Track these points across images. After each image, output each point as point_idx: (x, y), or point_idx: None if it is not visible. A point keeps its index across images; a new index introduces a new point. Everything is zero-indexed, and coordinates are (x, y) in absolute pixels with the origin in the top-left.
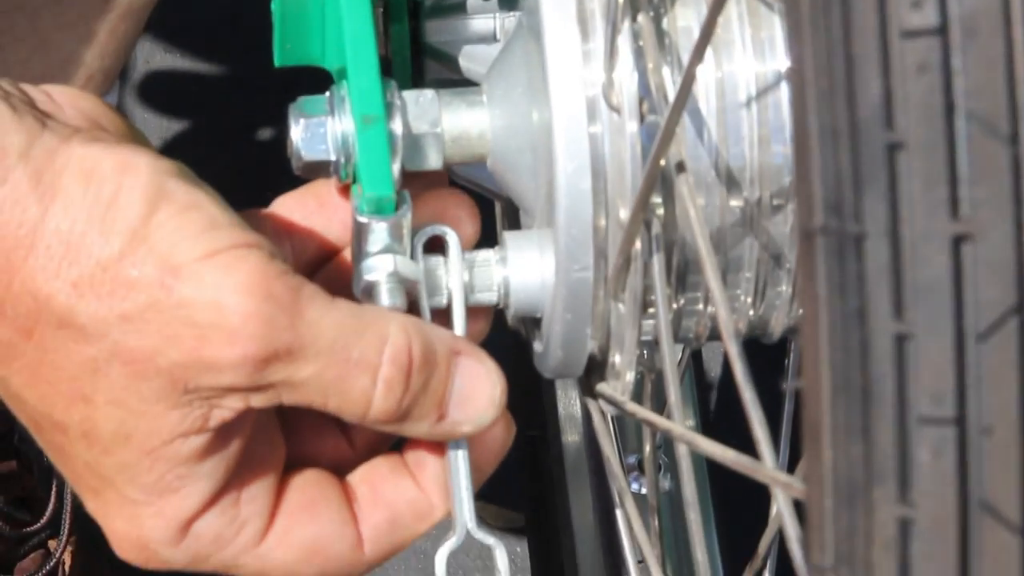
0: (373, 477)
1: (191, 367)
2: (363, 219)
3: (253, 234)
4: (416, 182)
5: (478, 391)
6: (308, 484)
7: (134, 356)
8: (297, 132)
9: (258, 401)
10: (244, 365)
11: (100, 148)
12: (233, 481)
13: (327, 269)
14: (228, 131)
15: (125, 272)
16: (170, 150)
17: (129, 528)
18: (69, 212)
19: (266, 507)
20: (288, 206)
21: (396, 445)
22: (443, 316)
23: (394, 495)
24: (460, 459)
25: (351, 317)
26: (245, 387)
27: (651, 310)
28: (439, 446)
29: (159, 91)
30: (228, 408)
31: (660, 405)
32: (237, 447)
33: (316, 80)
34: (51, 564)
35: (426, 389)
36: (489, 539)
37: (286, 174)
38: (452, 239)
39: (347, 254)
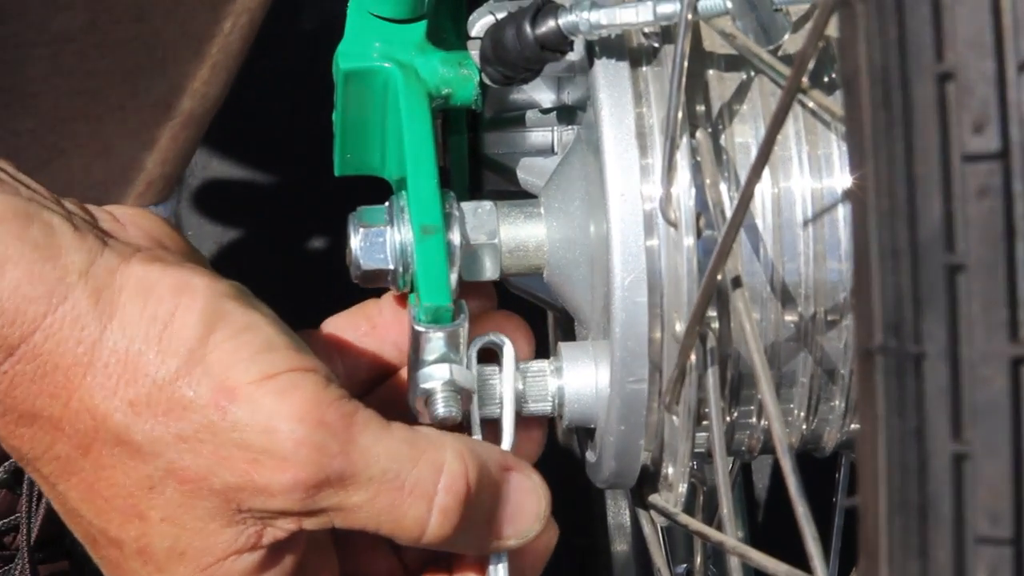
0: None
1: (244, 490)
2: (420, 328)
3: (309, 357)
4: (467, 301)
5: (526, 507)
6: None
7: (188, 476)
8: (356, 241)
9: (310, 524)
10: (295, 491)
11: (159, 268)
12: None
13: (381, 389)
14: (284, 239)
15: (181, 392)
16: (226, 257)
17: None
18: (127, 331)
19: None
20: (340, 326)
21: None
22: (495, 425)
23: None
24: (500, 571)
25: (405, 444)
26: (297, 512)
27: (704, 423)
28: (484, 561)
29: (216, 198)
30: (281, 528)
31: (710, 516)
32: (290, 565)
33: (374, 189)
34: None
35: (479, 503)
36: None
37: (342, 283)
38: (507, 349)
39: (402, 374)
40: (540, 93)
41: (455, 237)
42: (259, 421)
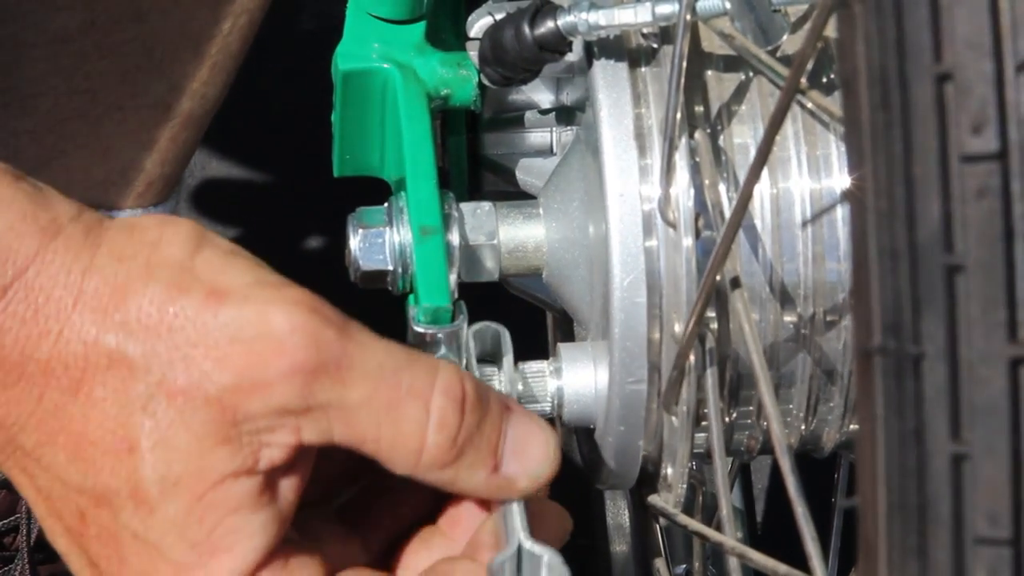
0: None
1: (240, 390)
2: (420, 329)
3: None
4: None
5: (532, 443)
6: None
7: (180, 387)
8: (355, 242)
9: (309, 432)
10: (294, 377)
11: (141, 215)
12: (284, 547)
13: None
14: (283, 240)
15: (172, 301)
16: None
17: None
18: (115, 254)
19: None
20: None
21: None
22: None
23: (451, 571)
24: (515, 511)
25: (400, 348)
26: (295, 408)
27: (704, 423)
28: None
29: (215, 198)
30: (278, 445)
31: (709, 517)
32: (288, 502)
33: (373, 190)
34: None
35: (480, 429)
36: (541, 550)
37: (342, 284)
38: (504, 336)
39: None
40: (539, 94)
41: (454, 238)
42: (252, 313)
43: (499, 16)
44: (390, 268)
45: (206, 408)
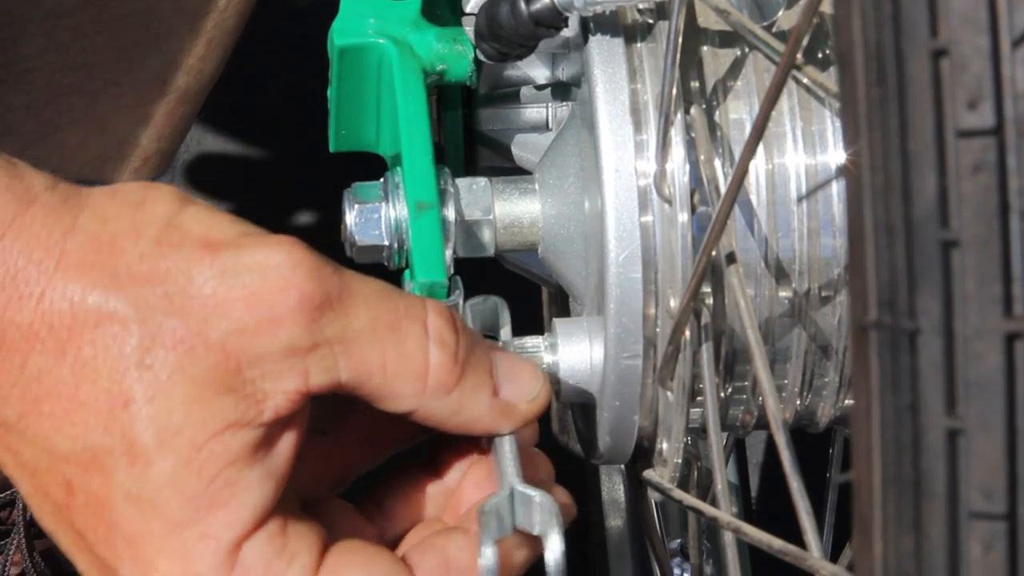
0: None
1: (245, 332)
2: None
3: None
4: None
5: (520, 369)
6: (356, 545)
7: (179, 336)
8: (352, 217)
9: (316, 373)
10: (301, 312)
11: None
12: (282, 506)
13: None
14: (279, 215)
15: (163, 256)
16: None
17: (174, 564)
18: (98, 215)
19: (316, 544)
20: None
21: None
22: None
23: (444, 541)
24: (507, 444)
25: (386, 283)
26: (303, 345)
27: (699, 398)
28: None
29: (210, 173)
30: (283, 392)
31: (704, 492)
32: (285, 459)
33: (368, 166)
34: None
35: (474, 351)
36: (532, 492)
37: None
38: (502, 308)
39: None
40: (535, 69)
41: (450, 213)
42: (250, 258)
43: None
44: (386, 243)
45: (207, 355)
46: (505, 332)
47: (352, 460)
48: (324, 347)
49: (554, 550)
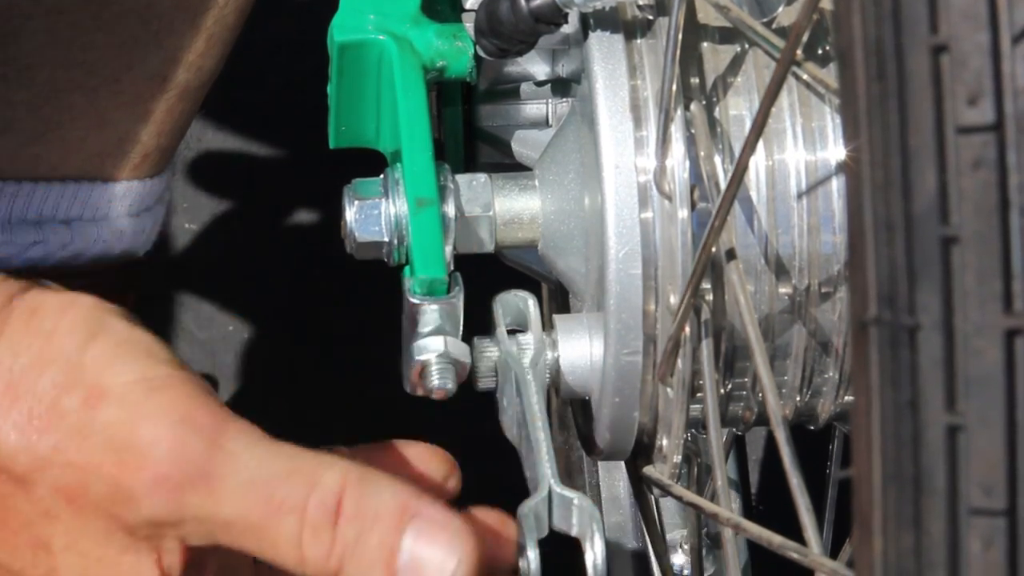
0: None
1: (115, 499)
2: (415, 300)
3: (190, 370)
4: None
5: (429, 561)
6: None
7: (72, 492)
8: (351, 214)
9: (195, 539)
10: (157, 491)
11: (51, 292)
12: None
13: None
14: (279, 211)
15: (58, 402)
16: (220, 230)
17: None
18: (12, 348)
19: None
20: None
21: None
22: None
23: None
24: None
25: (281, 457)
26: (169, 520)
27: (699, 395)
28: None
29: (210, 170)
30: (171, 551)
31: (704, 488)
32: None
33: (368, 162)
34: None
35: (361, 541)
36: (571, 494)
37: (337, 255)
38: (531, 304)
39: None
40: (535, 65)
41: (450, 209)
42: (124, 420)
43: None
44: (386, 240)
45: (95, 516)
46: (535, 327)
47: None
48: (193, 522)
49: (596, 552)
